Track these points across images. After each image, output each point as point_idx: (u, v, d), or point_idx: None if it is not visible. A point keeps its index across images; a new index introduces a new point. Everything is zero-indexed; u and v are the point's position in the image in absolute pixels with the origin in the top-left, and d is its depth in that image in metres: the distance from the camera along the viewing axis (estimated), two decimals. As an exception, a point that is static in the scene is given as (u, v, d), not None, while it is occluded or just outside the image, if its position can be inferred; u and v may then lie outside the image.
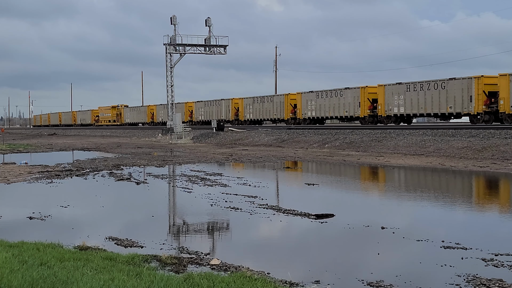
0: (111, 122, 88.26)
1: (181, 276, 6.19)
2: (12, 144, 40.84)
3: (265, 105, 56.38)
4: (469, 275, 6.41)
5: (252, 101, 58.09)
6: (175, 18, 49.53)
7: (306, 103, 50.78)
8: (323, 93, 48.96)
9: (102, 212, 11.67)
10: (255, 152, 28.66)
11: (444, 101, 37.76)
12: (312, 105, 50.15)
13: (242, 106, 59.45)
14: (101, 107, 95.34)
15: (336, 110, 47.48)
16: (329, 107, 48.17)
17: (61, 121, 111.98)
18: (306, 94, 50.80)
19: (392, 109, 41.85)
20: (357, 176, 18.75)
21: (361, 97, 44.74)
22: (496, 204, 12.43)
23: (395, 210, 11.75)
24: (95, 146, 38.51)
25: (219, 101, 63.12)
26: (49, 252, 7.10)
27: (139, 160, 24.07)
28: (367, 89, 44.61)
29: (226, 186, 14.72)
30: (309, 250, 8.17)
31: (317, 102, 49.44)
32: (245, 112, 59.08)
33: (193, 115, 67.67)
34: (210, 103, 64.77)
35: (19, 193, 14.49)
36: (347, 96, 46.18)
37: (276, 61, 79.19)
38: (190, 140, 43.51)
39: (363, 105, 44.76)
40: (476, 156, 21.81)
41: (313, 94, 50.09)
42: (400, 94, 41.03)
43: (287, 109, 53.39)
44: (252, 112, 58.10)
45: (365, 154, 25.67)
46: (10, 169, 19.92)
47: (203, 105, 66.29)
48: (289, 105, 53.29)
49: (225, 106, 62.02)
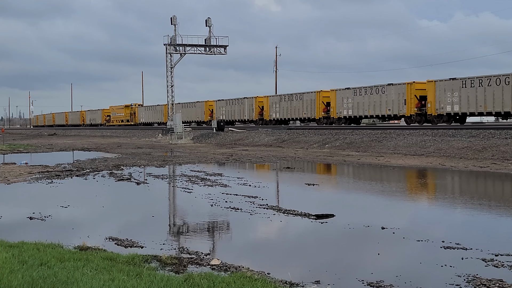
0: (124, 122, 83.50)
1: (181, 276, 6.19)
2: (12, 144, 40.86)
3: (293, 104, 52.60)
4: (469, 275, 6.41)
5: (279, 99, 54.81)
6: (175, 18, 49.52)
7: (341, 101, 46.89)
8: (361, 90, 45.18)
9: (102, 212, 11.67)
10: (255, 152, 28.66)
11: (508, 98, 34.26)
12: (348, 103, 46.26)
13: (268, 104, 56.08)
14: (112, 106, 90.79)
15: (377, 108, 43.63)
16: (369, 105, 44.30)
17: (67, 121, 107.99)
18: (342, 91, 47.09)
19: (444, 108, 38.26)
20: (357, 176, 18.75)
21: (407, 94, 41.06)
22: (496, 204, 12.43)
23: (395, 210, 11.74)
24: (95, 146, 38.51)
25: (241, 100, 60.07)
26: (49, 252, 7.10)
27: (139, 160, 24.08)
28: (415, 85, 40.96)
29: (226, 186, 14.71)
30: (309, 250, 8.17)
31: (354, 99, 45.63)
32: (270, 111, 55.68)
33: (214, 115, 63.97)
34: (232, 102, 61.70)
35: (19, 193, 14.48)
36: (390, 93, 42.50)
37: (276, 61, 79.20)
38: (190, 140, 43.51)
39: (410, 102, 41.01)
40: (476, 156, 21.80)
41: (349, 91, 46.30)
42: (455, 91, 37.48)
43: (319, 108, 49.55)
44: (279, 111, 54.49)
45: (365, 154, 25.67)
46: (10, 169, 19.92)
47: (224, 104, 63.07)
48: (321, 103, 49.38)
49: (248, 105, 58.96)
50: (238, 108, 60.38)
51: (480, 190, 14.72)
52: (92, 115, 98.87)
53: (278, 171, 20.34)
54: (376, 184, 16.48)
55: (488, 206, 11.98)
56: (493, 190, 14.95)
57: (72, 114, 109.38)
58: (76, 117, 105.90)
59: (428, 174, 18.42)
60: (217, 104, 64.14)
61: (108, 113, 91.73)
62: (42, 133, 76.46)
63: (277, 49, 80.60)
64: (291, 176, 18.96)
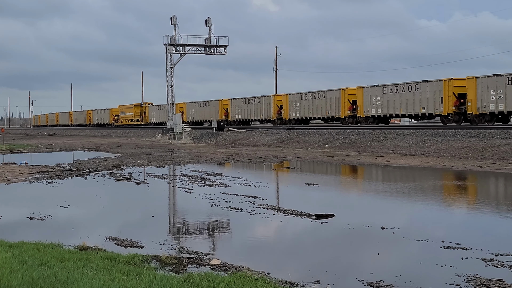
0: (134, 122, 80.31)
1: (181, 276, 6.19)
2: (12, 144, 40.86)
3: (315, 102, 49.58)
4: (469, 275, 6.41)
5: (299, 98, 51.60)
6: (175, 18, 49.52)
7: (369, 99, 43.88)
8: (392, 87, 42.13)
9: (102, 212, 11.67)
10: (255, 152, 28.66)
11: None
12: (377, 101, 43.16)
13: (287, 103, 53.07)
14: (121, 106, 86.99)
15: (410, 107, 40.52)
16: (400, 103, 41.27)
17: (72, 121, 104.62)
18: (370, 88, 43.96)
19: (487, 106, 35.32)
20: (357, 176, 18.75)
21: (445, 91, 38.07)
22: (496, 204, 12.43)
23: (396, 210, 11.74)
24: (95, 146, 38.51)
25: (258, 98, 57.28)
26: (49, 252, 7.10)
27: (139, 160, 24.08)
28: (453, 81, 38.00)
29: (226, 186, 14.71)
30: (309, 250, 8.16)
31: (384, 97, 42.56)
32: (290, 110, 52.64)
33: (229, 114, 61.47)
34: (248, 101, 58.79)
35: (19, 193, 14.49)
36: (425, 90, 39.41)
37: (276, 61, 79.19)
38: (190, 140, 43.51)
39: (447, 101, 37.98)
40: (476, 156, 21.80)
41: (378, 89, 43.21)
42: (499, 88, 34.59)
43: (344, 106, 46.68)
44: (299, 110, 51.48)
45: (365, 154, 25.67)
46: (10, 169, 19.92)
47: (240, 103, 60.09)
48: (346, 102, 46.46)
49: (265, 103, 56.14)
50: (255, 107, 57.62)
51: (480, 190, 14.71)
52: (99, 115, 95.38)
53: (278, 171, 20.34)
54: (376, 184, 16.48)
55: (488, 206, 11.98)
56: (493, 190, 14.95)
57: (77, 114, 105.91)
58: (82, 116, 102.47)
59: (428, 174, 18.41)
60: (232, 103, 61.37)
61: (116, 112, 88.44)
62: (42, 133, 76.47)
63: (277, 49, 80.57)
64: (291, 176, 18.96)
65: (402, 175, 18.70)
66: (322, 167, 21.67)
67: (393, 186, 15.70)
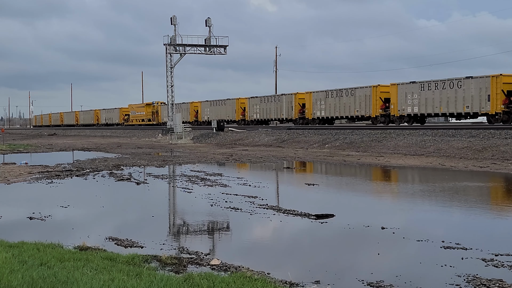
0: (145, 122, 76.91)
1: (181, 276, 6.19)
2: (12, 144, 40.86)
3: (342, 100, 46.83)
4: (469, 275, 6.41)
5: (324, 96, 48.78)
6: (175, 18, 49.51)
7: (404, 97, 41.05)
8: (430, 84, 39.14)
9: (102, 212, 11.67)
10: (255, 153, 28.66)
11: None
12: (414, 99, 40.28)
13: (310, 101, 50.18)
14: (132, 105, 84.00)
15: (451, 105, 37.63)
16: (440, 101, 38.36)
17: (78, 120, 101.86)
18: (405, 85, 41.19)
19: None
20: (357, 177, 18.75)
21: (492, 88, 35.28)
22: (496, 204, 12.42)
23: (395, 210, 11.74)
24: (95, 146, 38.51)
25: (279, 97, 55.15)
26: (49, 252, 7.10)
27: (139, 160, 24.08)
28: (502, 78, 35.17)
29: (226, 186, 14.71)
30: (309, 250, 8.16)
31: (422, 95, 39.65)
32: (314, 108, 49.80)
33: (246, 113, 59.10)
34: (268, 99, 56.35)
35: (19, 193, 14.48)
36: (469, 87, 36.62)
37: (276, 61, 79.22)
38: (190, 140, 43.51)
39: (495, 99, 35.17)
40: (476, 156, 21.81)
41: (415, 86, 40.34)
42: None
43: (375, 104, 43.72)
44: (324, 109, 48.68)
45: (365, 154, 25.67)
46: (10, 169, 19.92)
47: (258, 102, 57.55)
48: (378, 100, 43.59)
49: (286, 102, 53.58)
50: (275, 106, 55.07)
51: (480, 190, 14.71)
52: (108, 114, 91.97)
53: (278, 171, 20.34)
54: (376, 184, 16.48)
55: (487, 206, 11.98)
56: (493, 190, 14.94)
57: (84, 114, 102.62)
58: (88, 116, 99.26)
59: (428, 174, 18.42)
60: (250, 102, 58.74)
61: (126, 112, 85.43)
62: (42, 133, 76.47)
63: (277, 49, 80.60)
64: (291, 176, 18.96)
65: (402, 175, 18.70)
66: (322, 167, 21.67)
67: (393, 186, 15.70)
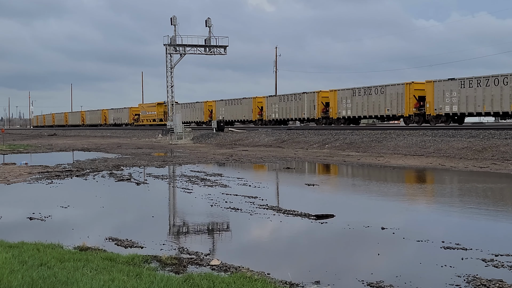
0: (157, 122, 74.11)
1: (181, 276, 6.19)
2: (12, 144, 40.87)
3: (371, 98, 43.87)
4: (469, 276, 6.41)
5: (351, 94, 45.97)
6: (175, 18, 49.48)
7: (441, 95, 38.12)
8: (472, 81, 36.20)
9: (102, 212, 11.67)
10: (255, 153, 28.66)
11: None
12: (452, 97, 37.53)
13: (335, 100, 47.40)
14: (142, 104, 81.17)
15: (496, 104, 34.69)
16: (483, 99, 35.52)
17: (84, 121, 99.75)
18: (443, 82, 38.30)
19: None
20: (357, 177, 18.74)
21: None
22: (496, 205, 12.42)
23: (395, 211, 11.74)
24: (95, 146, 38.51)
25: (300, 95, 52.31)
26: (49, 253, 7.10)
27: (139, 161, 24.07)
28: None
29: (226, 187, 14.72)
30: (309, 250, 8.16)
31: (461, 93, 36.83)
32: (339, 107, 46.99)
33: (264, 113, 56.68)
34: (288, 98, 53.81)
35: (19, 194, 14.48)
36: None
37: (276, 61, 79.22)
38: (190, 141, 43.51)
39: None
40: (476, 157, 21.81)
41: (454, 83, 37.37)
42: None
43: (408, 103, 41.03)
44: (351, 108, 45.91)
45: (365, 155, 25.67)
46: (10, 170, 19.92)
47: (277, 101, 55.36)
48: (411, 98, 40.86)
49: (308, 101, 50.99)
50: (295, 105, 52.62)
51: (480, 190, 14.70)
52: (117, 114, 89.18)
53: (278, 172, 20.34)
54: (376, 185, 16.47)
55: (487, 206, 11.97)
56: (493, 191, 14.93)
57: (90, 113, 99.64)
58: (96, 116, 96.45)
59: (428, 174, 18.42)
60: (268, 101, 56.56)
61: (136, 111, 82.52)
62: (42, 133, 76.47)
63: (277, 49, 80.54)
64: (291, 176, 18.96)
65: (402, 176, 18.70)
66: (322, 168, 21.67)
67: (393, 187, 15.70)
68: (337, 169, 20.87)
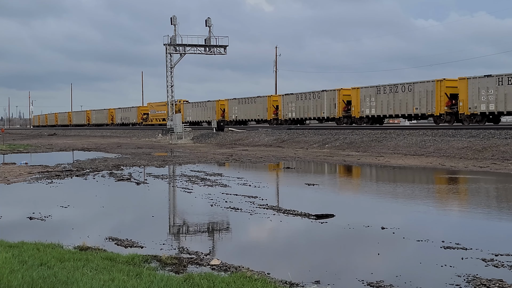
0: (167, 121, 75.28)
1: (181, 276, 6.19)
2: (12, 144, 40.87)
3: (398, 96, 41.33)
4: (469, 275, 6.41)
5: (375, 91, 43.37)
6: (175, 18, 49.51)
7: (476, 93, 35.36)
8: (511, 78, 33.43)
9: (102, 212, 11.66)
10: (255, 153, 28.66)
11: None
12: (489, 95, 34.72)
13: (358, 98, 44.86)
14: (151, 103, 79.11)
15: None
16: None
17: (89, 120, 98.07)
18: (478, 79, 35.49)
19: None
20: (357, 177, 18.74)
21: None
22: (496, 204, 12.42)
23: (395, 210, 11.74)
24: (95, 146, 38.51)
25: (319, 93, 49.57)
26: (49, 252, 7.10)
27: (139, 161, 24.07)
28: None
29: (226, 187, 14.72)
30: (309, 250, 8.16)
31: (499, 90, 34.01)
32: (361, 106, 44.50)
33: (279, 112, 54.40)
34: (305, 96, 51.17)
35: (19, 193, 14.48)
36: None
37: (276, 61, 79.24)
38: (190, 141, 43.51)
39: None
40: (476, 156, 21.81)
41: (491, 80, 34.54)
42: None
43: (439, 101, 38.15)
44: (375, 106, 43.33)
45: (365, 155, 25.67)
46: (10, 169, 19.92)
47: (294, 99, 52.60)
48: (442, 96, 38.00)
49: (328, 99, 48.42)
50: (314, 103, 50.13)
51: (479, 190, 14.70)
52: (124, 114, 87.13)
53: (278, 171, 20.34)
54: (376, 184, 16.48)
55: (488, 206, 11.97)
56: (493, 190, 14.93)
57: (96, 113, 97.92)
58: (101, 116, 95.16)
59: (428, 174, 18.41)
60: (284, 100, 53.97)
61: (145, 110, 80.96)
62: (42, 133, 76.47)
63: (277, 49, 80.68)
64: (291, 176, 18.95)
65: (402, 175, 18.69)
66: (322, 167, 21.67)
67: (393, 186, 15.69)
68: (337, 169, 20.87)
